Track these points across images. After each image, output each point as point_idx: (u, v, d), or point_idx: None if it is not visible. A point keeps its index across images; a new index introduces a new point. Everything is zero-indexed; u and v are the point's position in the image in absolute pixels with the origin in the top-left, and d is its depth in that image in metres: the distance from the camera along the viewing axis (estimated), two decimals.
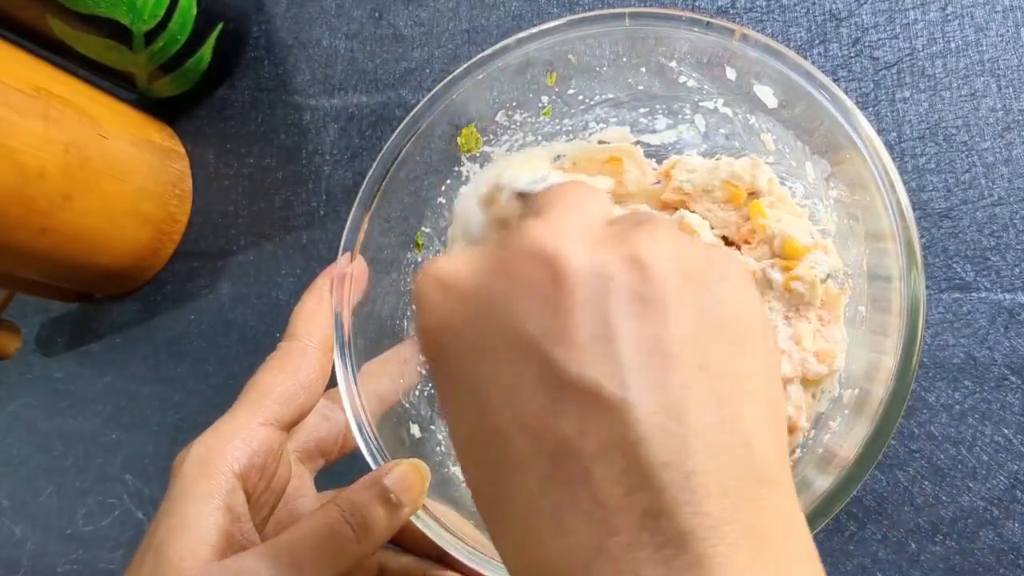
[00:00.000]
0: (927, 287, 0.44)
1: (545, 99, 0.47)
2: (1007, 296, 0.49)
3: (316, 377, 0.40)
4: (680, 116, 0.48)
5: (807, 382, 0.43)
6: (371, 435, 0.41)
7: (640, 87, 0.46)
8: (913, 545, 0.48)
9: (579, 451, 0.24)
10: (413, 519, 0.39)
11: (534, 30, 0.43)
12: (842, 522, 0.48)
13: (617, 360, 0.24)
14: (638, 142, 0.48)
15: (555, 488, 0.24)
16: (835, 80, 0.48)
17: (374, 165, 0.44)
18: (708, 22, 0.41)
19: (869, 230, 0.41)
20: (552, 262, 0.25)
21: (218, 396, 0.59)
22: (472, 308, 0.26)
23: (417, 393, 0.47)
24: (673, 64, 0.44)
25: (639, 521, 0.23)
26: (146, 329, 0.63)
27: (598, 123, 0.48)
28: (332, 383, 0.42)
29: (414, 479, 0.39)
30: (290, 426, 0.39)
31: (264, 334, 0.60)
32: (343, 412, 0.42)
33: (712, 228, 0.47)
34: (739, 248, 0.46)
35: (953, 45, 0.52)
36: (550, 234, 0.26)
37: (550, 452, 0.24)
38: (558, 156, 0.48)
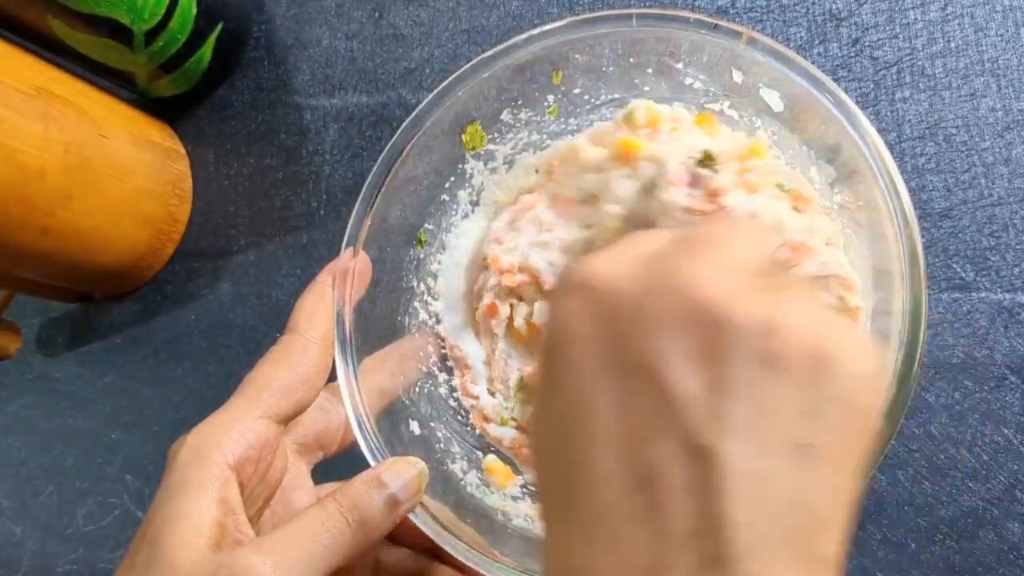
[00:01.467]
0: (927, 287, 0.44)
1: (551, 98, 0.47)
2: (1007, 296, 0.49)
3: (315, 371, 0.40)
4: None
5: None
6: (370, 431, 0.41)
7: (646, 88, 0.46)
8: (913, 545, 0.48)
9: (663, 482, 0.25)
10: (411, 516, 0.39)
11: (541, 29, 0.43)
12: None
13: (729, 414, 0.25)
14: None
15: (629, 505, 0.25)
16: (835, 80, 0.48)
17: (378, 161, 0.44)
18: (715, 24, 0.41)
19: (872, 234, 0.41)
20: (697, 303, 0.25)
21: (218, 396, 0.58)
22: (612, 315, 0.27)
23: (417, 390, 0.47)
24: (679, 65, 0.45)
25: (697, 562, 0.24)
26: (146, 329, 0.63)
27: (603, 123, 0.48)
28: (332, 377, 0.42)
29: (412, 476, 0.39)
30: (287, 419, 0.39)
31: (264, 334, 0.60)
32: (343, 406, 0.42)
33: None
34: None
35: (953, 45, 0.52)
36: (706, 275, 0.26)
37: (635, 473, 0.25)
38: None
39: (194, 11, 0.59)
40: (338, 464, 0.42)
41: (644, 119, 0.45)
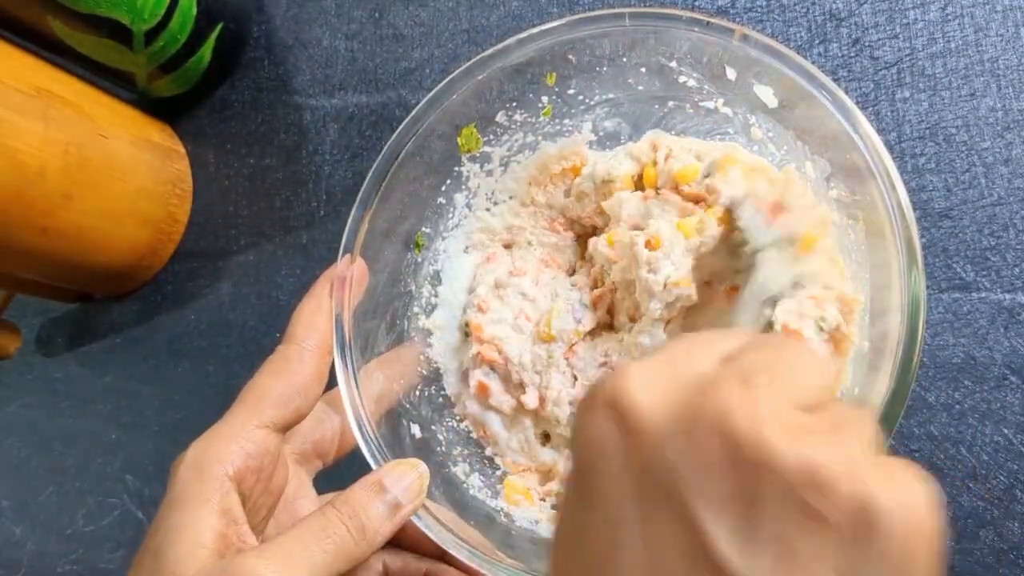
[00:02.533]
0: (927, 287, 0.44)
1: (545, 99, 0.47)
2: (1007, 296, 0.49)
3: (312, 380, 0.40)
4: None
5: None
6: (371, 435, 0.41)
7: (640, 87, 0.46)
8: None
9: None
10: (414, 519, 0.39)
11: (534, 31, 0.44)
12: None
13: (762, 563, 0.23)
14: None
15: None
16: (835, 80, 0.48)
17: (374, 165, 0.44)
18: (708, 22, 0.41)
19: (869, 230, 0.41)
20: (736, 443, 0.24)
21: (218, 396, 0.59)
22: (645, 445, 0.25)
23: (417, 393, 0.47)
24: (673, 64, 0.44)
25: None
26: (146, 329, 0.63)
27: (598, 123, 0.48)
28: (331, 385, 0.42)
29: (413, 479, 0.39)
30: (286, 429, 0.39)
31: (264, 334, 0.60)
32: (339, 415, 0.42)
33: None
34: None
35: (953, 45, 0.52)
36: (748, 413, 0.24)
37: None
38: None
39: (194, 11, 0.59)
40: (343, 473, 0.42)
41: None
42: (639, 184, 0.47)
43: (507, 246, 0.51)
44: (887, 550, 0.23)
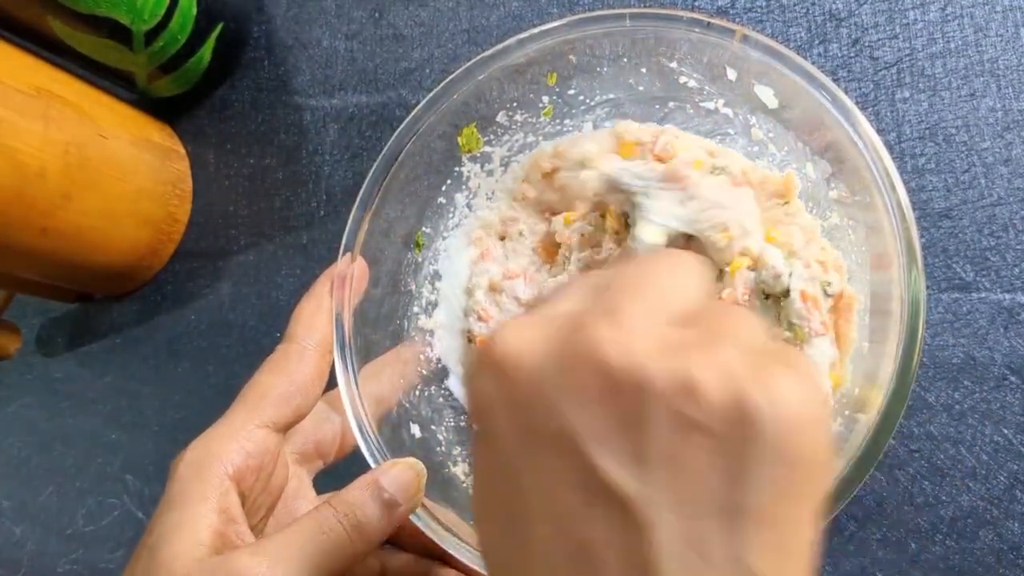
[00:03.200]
0: (927, 287, 0.44)
1: (546, 99, 0.47)
2: (1007, 296, 0.49)
3: (313, 379, 0.40)
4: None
5: None
6: (371, 435, 0.41)
7: (641, 87, 0.46)
8: (913, 545, 0.48)
9: (599, 558, 0.24)
10: (414, 519, 0.39)
11: (535, 31, 0.44)
12: (842, 522, 0.48)
13: (654, 482, 0.24)
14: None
15: None
16: (835, 80, 0.48)
17: (374, 165, 0.44)
18: (709, 23, 0.41)
19: (869, 230, 0.41)
20: (610, 372, 0.24)
21: (218, 396, 0.59)
22: (525, 394, 0.26)
23: (417, 393, 0.47)
24: (674, 64, 0.45)
25: None
26: (146, 329, 0.63)
27: (598, 123, 0.48)
28: (331, 385, 0.42)
29: (410, 478, 0.39)
30: (287, 428, 0.39)
31: (264, 334, 0.60)
32: (340, 415, 0.42)
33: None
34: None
35: (953, 45, 0.52)
36: (616, 340, 0.25)
37: (570, 551, 0.25)
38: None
39: (194, 11, 0.59)
40: (342, 471, 0.42)
41: None
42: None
43: (501, 237, 0.51)
44: (769, 445, 0.24)
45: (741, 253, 0.42)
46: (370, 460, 0.41)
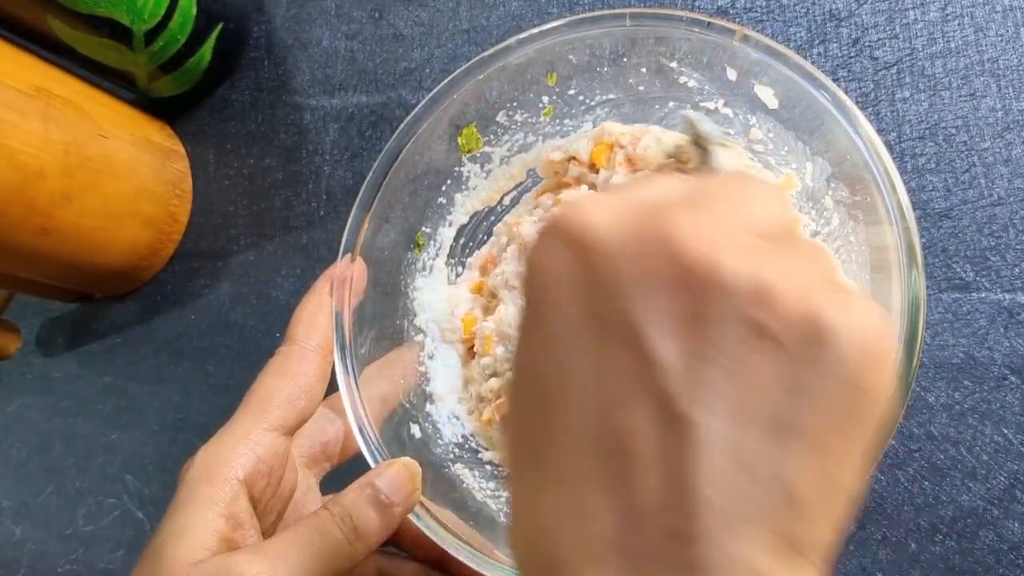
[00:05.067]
0: (927, 287, 0.44)
1: (546, 99, 0.47)
2: (1007, 296, 0.49)
3: (316, 380, 0.40)
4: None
5: None
6: (372, 437, 0.41)
7: (641, 87, 0.46)
8: (913, 545, 0.48)
9: (634, 450, 0.23)
10: (414, 519, 0.39)
11: (535, 31, 0.44)
12: None
13: (707, 385, 0.23)
14: None
15: (599, 472, 0.24)
16: (835, 80, 0.48)
17: (374, 165, 0.44)
18: (709, 23, 0.41)
19: (870, 230, 0.41)
20: (686, 262, 0.23)
21: (218, 396, 0.59)
22: (597, 273, 0.25)
23: (417, 394, 0.47)
24: (674, 64, 0.45)
25: (661, 537, 0.23)
26: (146, 329, 0.63)
27: (598, 123, 0.48)
28: (332, 386, 0.42)
29: (405, 478, 0.39)
30: (293, 430, 0.39)
31: (264, 334, 0.60)
32: (341, 416, 0.42)
33: None
34: None
35: (953, 45, 0.52)
36: (699, 233, 0.24)
37: (607, 438, 0.24)
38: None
39: (194, 11, 0.59)
40: (348, 474, 0.42)
41: None
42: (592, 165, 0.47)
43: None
44: (836, 368, 0.23)
45: None
46: (371, 462, 0.41)
